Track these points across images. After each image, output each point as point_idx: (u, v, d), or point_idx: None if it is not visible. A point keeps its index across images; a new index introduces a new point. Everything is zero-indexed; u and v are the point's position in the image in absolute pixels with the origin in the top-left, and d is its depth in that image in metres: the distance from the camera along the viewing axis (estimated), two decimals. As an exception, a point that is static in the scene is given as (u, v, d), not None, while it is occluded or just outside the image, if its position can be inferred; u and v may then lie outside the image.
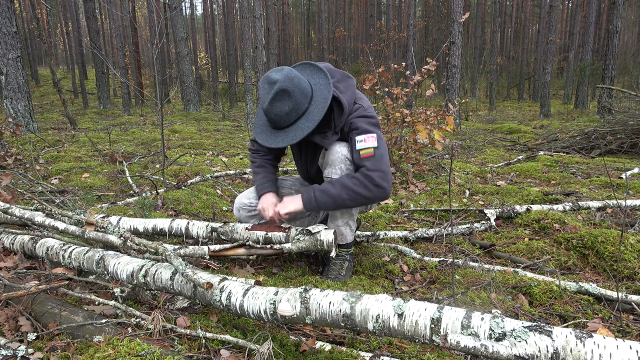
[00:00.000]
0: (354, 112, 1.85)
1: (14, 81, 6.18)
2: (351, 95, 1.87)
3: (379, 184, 1.74)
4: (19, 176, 3.59)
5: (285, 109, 1.72)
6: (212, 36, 28.44)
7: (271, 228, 1.91)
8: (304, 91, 1.74)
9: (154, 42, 3.82)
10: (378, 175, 1.74)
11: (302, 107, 1.75)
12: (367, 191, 1.75)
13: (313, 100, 1.77)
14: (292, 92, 1.70)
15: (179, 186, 3.52)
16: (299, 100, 1.73)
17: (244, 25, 9.88)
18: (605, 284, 1.94)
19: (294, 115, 1.75)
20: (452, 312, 1.06)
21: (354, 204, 1.79)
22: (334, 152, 1.84)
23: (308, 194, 1.82)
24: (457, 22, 8.34)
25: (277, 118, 1.75)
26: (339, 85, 1.88)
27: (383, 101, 4.28)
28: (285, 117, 1.74)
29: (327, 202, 1.79)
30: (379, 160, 1.76)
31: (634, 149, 5.37)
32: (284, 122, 1.76)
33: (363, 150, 1.78)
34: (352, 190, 1.75)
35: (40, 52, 28.95)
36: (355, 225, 2.00)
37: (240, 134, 8.10)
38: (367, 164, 1.76)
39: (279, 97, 1.70)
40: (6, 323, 1.43)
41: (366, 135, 1.79)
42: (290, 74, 1.72)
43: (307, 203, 1.82)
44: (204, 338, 1.33)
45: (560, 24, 30.90)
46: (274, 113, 1.74)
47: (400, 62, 13.49)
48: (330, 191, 1.78)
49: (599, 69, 12.44)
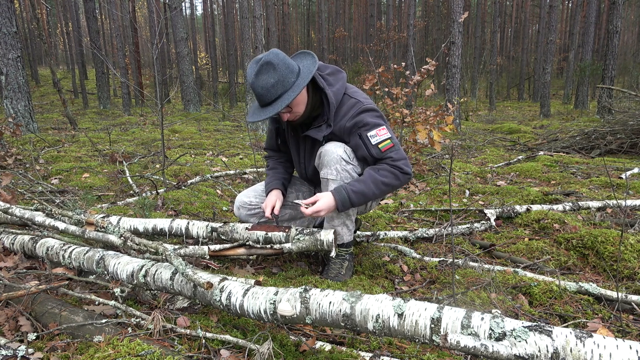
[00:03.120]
0: (353, 107, 1.85)
1: (14, 81, 6.18)
2: (340, 87, 1.88)
3: (406, 171, 1.83)
4: (19, 176, 3.59)
5: (271, 81, 1.71)
6: (212, 36, 28.45)
7: (271, 228, 1.91)
8: (290, 67, 1.75)
9: (154, 42, 3.82)
10: (403, 163, 1.83)
11: (289, 81, 1.74)
12: (397, 180, 1.82)
13: (300, 75, 1.78)
14: (276, 65, 1.71)
15: (179, 186, 3.52)
16: (284, 73, 1.72)
17: (244, 25, 9.88)
18: (605, 284, 1.94)
19: (280, 88, 1.73)
20: (452, 312, 1.06)
21: (383, 195, 1.85)
22: (328, 153, 1.84)
23: (341, 195, 1.80)
24: (457, 22, 8.34)
25: (263, 91, 1.73)
26: (329, 77, 1.90)
27: (383, 101, 4.28)
28: (271, 90, 1.72)
29: (361, 201, 1.82)
30: (398, 149, 1.84)
31: (634, 149, 5.37)
32: (270, 96, 1.74)
33: (382, 144, 1.82)
34: (384, 184, 1.80)
35: (40, 52, 28.95)
36: (353, 225, 2.00)
37: (240, 134, 8.10)
38: (391, 155, 1.82)
39: (264, 70, 1.71)
40: (6, 323, 1.43)
41: (377, 129, 1.82)
42: (276, 51, 1.76)
43: (341, 205, 1.80)
44: (204, 338, 1.33)
45: (560, 24, 30.89)
46: (260, 86, 1.72)
47: (400, 62, 13.49)
48: (364, 190, 1.80)
49: (599, 69, 12.44)
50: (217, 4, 38.77)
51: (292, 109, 1.82)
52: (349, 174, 1.85)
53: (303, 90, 1.80)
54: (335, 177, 1.84)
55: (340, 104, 1.88)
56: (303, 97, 1.83)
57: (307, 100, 1.85)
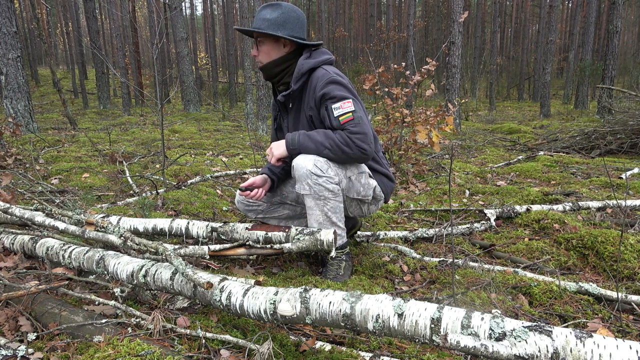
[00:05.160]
0: (322, 77, 1.88)
1: (14, 81, 6.18)
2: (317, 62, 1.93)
3: (359, 145, 1.81)
4: (19, 176, 3.59)
5: (267, 16, 1.89)
6: (212, 36, 28.45)
7: (271, 228, 1.91)
8: (290, 24, 1.91)
9: (154, 42, 3.82)
10: (358, 137, 1.81)
11: (277, 28, 1.89)
12: (349, 149, 1.81)
13: (290, 35, 1.92)
14: (283, 11, 1.89)
15: (179, 186, 3.52)
16: (280, 21, 1.88)
17: (244, 25, 9.88)
18: (605, 284, 1.94)
19: (266, 25, 1.89)
20: (452, 312, 1.06)
21: (334, 156, 1.84)
22: (299, 168, 1.85)
23: (292, 137, 1.88)
24: (457, 22, 8.34)
25: (258, 19, 1.90)
26: (314, 54, 1.97)
27: (383, 101, 4.28)
28: (261, 21, 1.90)
29: (309, 146, 1.84)
30: (358, 123, 1.82)
31: (634, 149, 5.37)
32: (257, 25, 1.91)
33: (342, 117, 1.83)
34: (335, 143, 1.81)
35: (40, 52, 28.96)
36: (342, 230, 1.98)
37: (240, 134, 8.10)
38: (349, 128, 1.82)
39: (271, 7, 1.90)
40: (6, 323, 1.43)
41: (342, 102, 1.84)
42: (296, 10, 1.94)
43: (290, 143, 1.88)
44: (204, 338, 1.33)
45: (560, 24, 30.89)
46: (259, 14, 1.91)
47: (400, 62, 13.48)
48: (314, 136, 1.84)
49: (599, 69, 12.44)
50: (217, 4, 38.78)
51: (258, 49, 1.96)
52: (323, 186, 1.84)
53: (277, 44, 1.93)
54: (308, 192, 1.85)
55: (312, 75, 1.92)
56: (275, 49, 1.94)
57: (277, 57, 1.95)
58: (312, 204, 1.88)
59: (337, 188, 1.87)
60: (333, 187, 1.85)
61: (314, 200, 1.86)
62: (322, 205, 1.87)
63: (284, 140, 1.91)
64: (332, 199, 1.87)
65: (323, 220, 1.89)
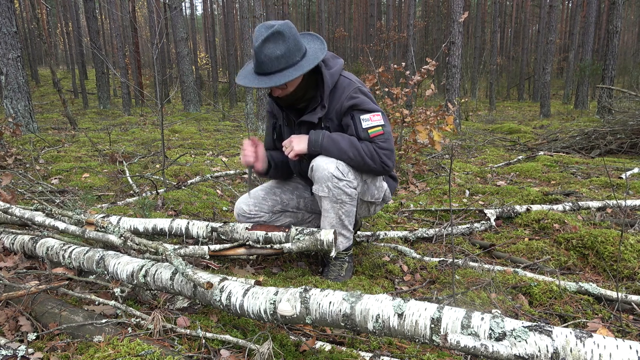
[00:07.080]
0: (348, 87, 1.83)
1: (14, 81, 6.18)
2: (337, 70, 1.86)
3: (384, 162, 1.82)
4: (19, 176, 3.59)
5: (277, 53, 1.67)
6: (212, 36, 28.45)
7: (271, 228, 1.91)
8: (299, 45, 1.73)
9: (154, 42, 3.82)
10: (385, 154, 1.81)
11: (294, 59, 1.71)
12: (372, 162, 1.81)
13: (305, 56, 1.76)
14: (287, 37, 1.68)
15: (179, 186, 3.52)
16: (292, 49, 1.70)
17: (244, 25, 9.87)
18: (605, 284, 1.94)
19: (283, 63, 1.69)
20: (452, 312, 1.06)
21: (354, 165, 1.82)
22: (319, 169, 1.81)
23: (316, 137, 1.82)
24: (457, 22, 8.33)
25: (266, 60, 1.68)
26: (328, 60, 1.88)
27: (383, 101, 4.28)
28: (274, 61, 1.69)
29: (332, 151, 1.80)
30: (387, 139, 1.82)
31: (634, 149, 5.37)
32: (272, 67, 1.70)
33: (372, 129, 1.81)
34: (359, 154, 1.79)
35: (40, 52, 28.95)
36: (350, 233, 1.97)
37: (240, 134, 8.10)
38: (378, 142, 1.80)
39: (273, 38, 1.67)
40: (6, 323, 1.43)
41: (371, 114, 1.81)
42: (290, 24, 1.72)
43: (313, 142, 1.82)
44: (204, 338, 1.33)
45: (560, 24, 30.88)
46: (265, 54, 1.67)
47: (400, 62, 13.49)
48: (339, 142, 1.79)
49: (599, 69, 12.43)
50: (217, 4, 38.76)
51: (287, 86, 1.80)
52: (342, 190, 1.82)
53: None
54: (327, 194, 1.83)
55: (335, 85, 1.86)
56: (299, 78, 1.80)
57: (301, 81, 1.82)
58: (328, 206, 1.86)
59: (354, 192, 1.87)
60: (351, 192, 1.85)
61: (330, 203, 1.85)
62: (338, 209, 1.86)
63: (305, 136, 1.85)
64: (349, 202, 1.86)
65: (336, 223, 1.89)
